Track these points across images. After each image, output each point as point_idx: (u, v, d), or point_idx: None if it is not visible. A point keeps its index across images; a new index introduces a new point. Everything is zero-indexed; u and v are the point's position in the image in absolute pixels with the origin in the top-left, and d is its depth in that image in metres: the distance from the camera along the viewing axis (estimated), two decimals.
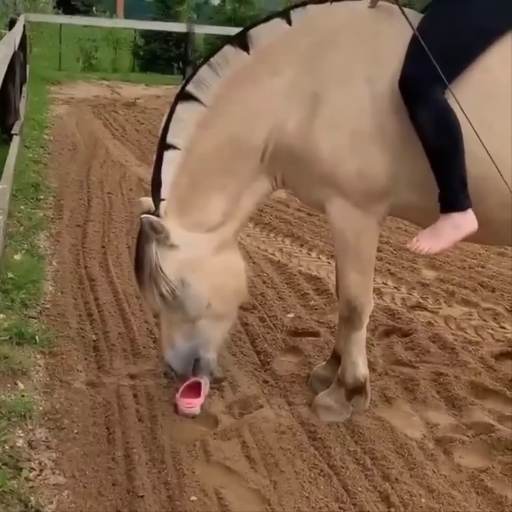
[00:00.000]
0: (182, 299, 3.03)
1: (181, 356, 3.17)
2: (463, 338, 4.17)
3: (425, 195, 2.93)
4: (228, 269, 3.11)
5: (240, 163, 3.01)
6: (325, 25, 2.99)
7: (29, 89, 11.95)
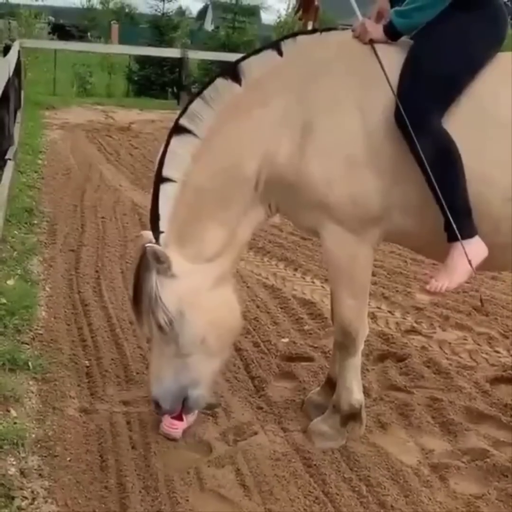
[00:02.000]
0: (178, 331, 3.00)
1: (169, 393, 3.11)
2: (457, 362, 4.16)
3: (420, 220, 2.95)
4: (225, 303, 3.09)
5: (234, 193, 3.02)
6: (315, 55, 3.01)
7: (23, 114, 12.00)
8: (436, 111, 2.78)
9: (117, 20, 38.42)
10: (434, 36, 2.87)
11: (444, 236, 2.86)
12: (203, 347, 3.06)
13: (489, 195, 2.82)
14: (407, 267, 5.85)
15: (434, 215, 2.83)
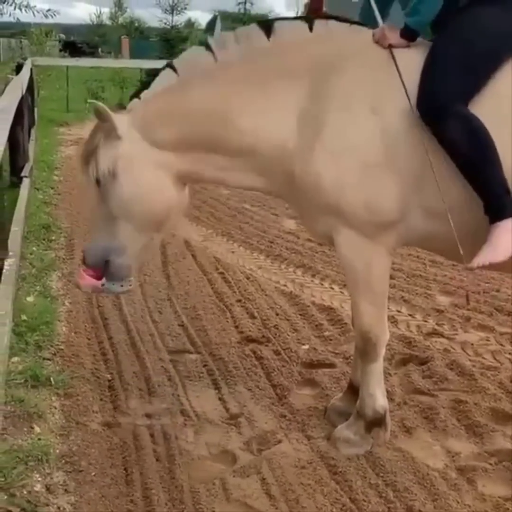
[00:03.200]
0: (108, 191, 3.08)
1: (94, 249, 3.20)
2: (481, 363, 4.12)
3: (440, 222, 2.88)
4: (158, 185, 3.10)
5: (213, 138, 3.05)
6: (341, 45, 2.99)
7: (38, 132, 12.07)
8: (462, 97, 2.73)
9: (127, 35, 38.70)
10: (455, 29, 2.86)
11: (467, 237, 2.82)
12: (129, 216, 3.09)
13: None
14: (426, 269, 5.81)
15: (457, 216, 2.80)
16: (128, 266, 3.22)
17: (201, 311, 4.86)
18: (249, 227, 7.19)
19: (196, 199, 8.35)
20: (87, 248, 3.25)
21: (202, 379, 3.91)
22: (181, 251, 6.30)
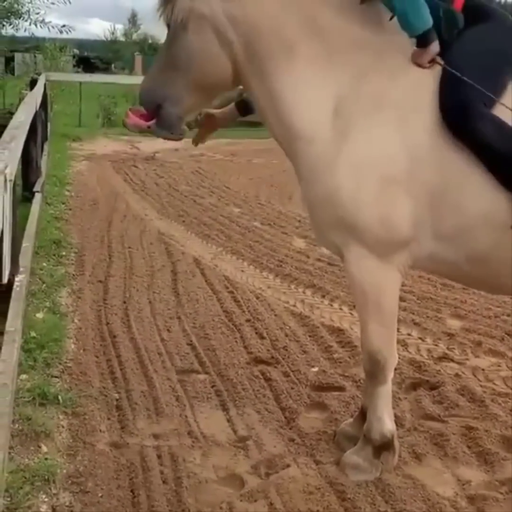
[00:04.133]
0: (175, 38, 2.99)
1: (150, 91, 3.11)
2: (492, 389, 4.08)
3: (456, 247, 2.86)
4: (217, 61, 3.01)
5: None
6: (387, 50, 2.93)
7: (50, 147, 12.15)
8: (483, 100, 2.72)
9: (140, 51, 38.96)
10: (461, 47, 2.84)
11: (483, 265, 2.80)
12: (187, 71, 3.00)
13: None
14: (437, 292, 5.77)
15: (472, 242, 2.78)
16: (179, 117, 3.15)
17: (210, 330, 4.84)
18: (259, 245, 7.18)
19: (207, 216, 8.38)
20: (143, 87, 3.16)
21: (210, 400, 3.88)
22: (191, 269, 6.29)
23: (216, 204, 9.26)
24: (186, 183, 10.77)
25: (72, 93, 20.85)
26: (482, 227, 2.79)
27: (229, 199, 9.60)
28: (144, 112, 3.20)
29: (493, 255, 2.84)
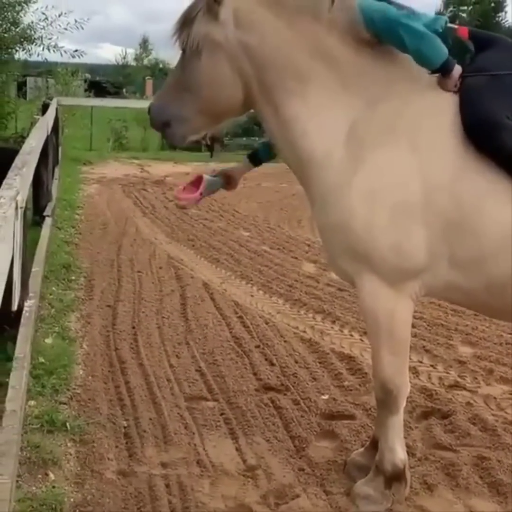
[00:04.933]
0: (189, 62, 3.02)
1: (160, 108, 3.17)
2: (504, 418, 4.03)
3: (472, 275, 2.84)
4: (228, 86, 3.05)
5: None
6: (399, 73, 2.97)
7: (61, 171, 12.21)
8: (505, 112, 2.75)
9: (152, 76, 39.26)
10: (484, 63, 2.88)
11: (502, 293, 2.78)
12: (197, 95, 3.04)
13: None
14: (447, 318, 5.73)
15: (491, 269, 2.76)
16: (183, 137, 3.21)
17: (219, 357, 4.81)
18: (269, 270, 7.17)
19: (216, 241, 8.38)
20: (154, 104, 3.23)
21: (219, 428, 3.85)
22: (200, 293, 6.27)
23: (226, 228, 9.27)
24: (195, 207, 10.76)
25: (83, 117, 21.05)
26: (501, 253, 2.77)
27: (239, 223, 9.62)
28: (188, 186, 3.39)
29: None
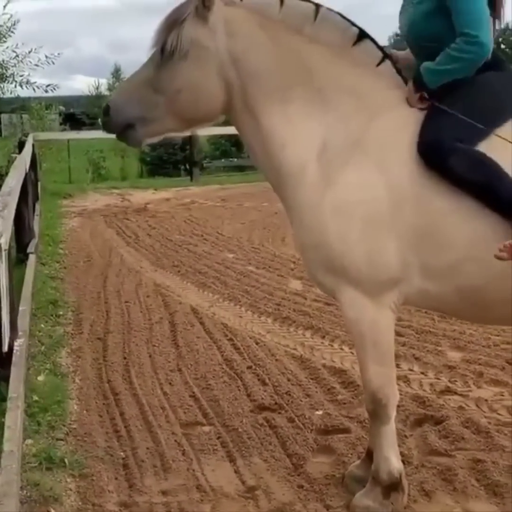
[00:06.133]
0: (171, 65, 2.99)
1: (121, 111, 3.08)
2: (496, 420, 4.09)
3: (441, 281, 2.92)
4: (210, 93, 3.07)
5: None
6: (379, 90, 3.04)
7: (41, 206, 12.22)
8: (458, 139, 2.81)
9: None
10: (458, 92, 2.92)
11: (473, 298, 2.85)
12: (173, 98, 3.02)
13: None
14: (435, 324, 5.80)
15: (460, 276, 2.82)
16: (140, 141, 3.20)
17: (212, 381, 4.84)
18: (256, 290, 7.22)
19: (202, 265, 8.42)
20: (115, 102, 3.13)
21: (216, 451, 3.87)
22: (189, 319, 6.30)
23: (210, 251, 9.31)
24: (178, 232, 10.84)
25: (60, 151, 21.05)
26: (469, 260, 2.85)
27: (223, 245, 9.67)
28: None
29: (483, 287, 2.88)
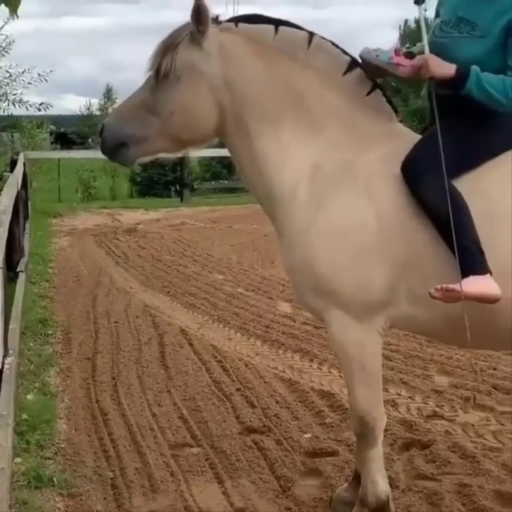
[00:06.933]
0: (164, 87, 3.04)
1: (116, 128, 3.13)
2: (483, 445, 4.12)
3: (427, 307, 2.96)
4: (203, 117, 3.11)
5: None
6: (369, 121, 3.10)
7: (31, 224, 12.23)
8: (441, 169, 2.84)
9: None
10: (458, 124, 2.93)
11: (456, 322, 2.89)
12: (166, 120, 3.06)
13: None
14: (423, 349, 5.85)
15: (446, 305, 2.86)
16: (133, 160, 3.23)
17: (200, 402, 4.86)
18: (245, 312, 7.25)
19: (191, 286, 8.45)
20: (110, 122, 3.19)
21: (204, 473, 3.88)
22: (178, 340, 6.32)
23: (200, 272, 9.35)
24: (168, 253, 10.87)
25: (50, 170, 21.07)
26: None
27: (212, 267, 9.70)
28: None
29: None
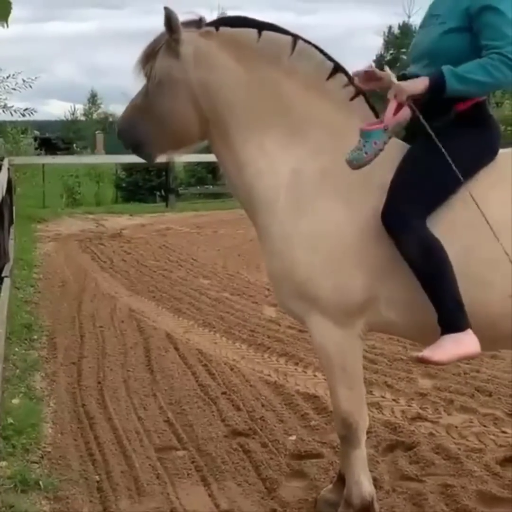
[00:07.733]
0: (151, 91, 3.15)
1: (128, 127, 3.29)
2: (466, 446, 4.16)
3: (405, 312, 3.01)
4: (183, 121, 3.18)
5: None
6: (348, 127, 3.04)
7: (16, 230, 12.19)
8: (420, 215, 2.87)
9: (102, 130, 39.36)
10: (431, 147, 2.84)
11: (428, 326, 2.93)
12: (156, 121, 3.17)
13: (486, 294, 2.88)
14: (407, 352, 5.88)
15: (422, 308, 2.90)
16: (153, 156, 3.38)
17: (186, 406, 4.87)
18: (230, 316, 7.28)
19: (177, 290, 8.46)
20: (122, 125, 3.33)
21: (190, 476, 3.90)
22: (163, 344, 6.33)
23: (185, 277, 9.36)
24: (154, 258, 10.88)
25: (35, 175, 20.99)
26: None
27: (198, 272, 9.72)
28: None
29: None
